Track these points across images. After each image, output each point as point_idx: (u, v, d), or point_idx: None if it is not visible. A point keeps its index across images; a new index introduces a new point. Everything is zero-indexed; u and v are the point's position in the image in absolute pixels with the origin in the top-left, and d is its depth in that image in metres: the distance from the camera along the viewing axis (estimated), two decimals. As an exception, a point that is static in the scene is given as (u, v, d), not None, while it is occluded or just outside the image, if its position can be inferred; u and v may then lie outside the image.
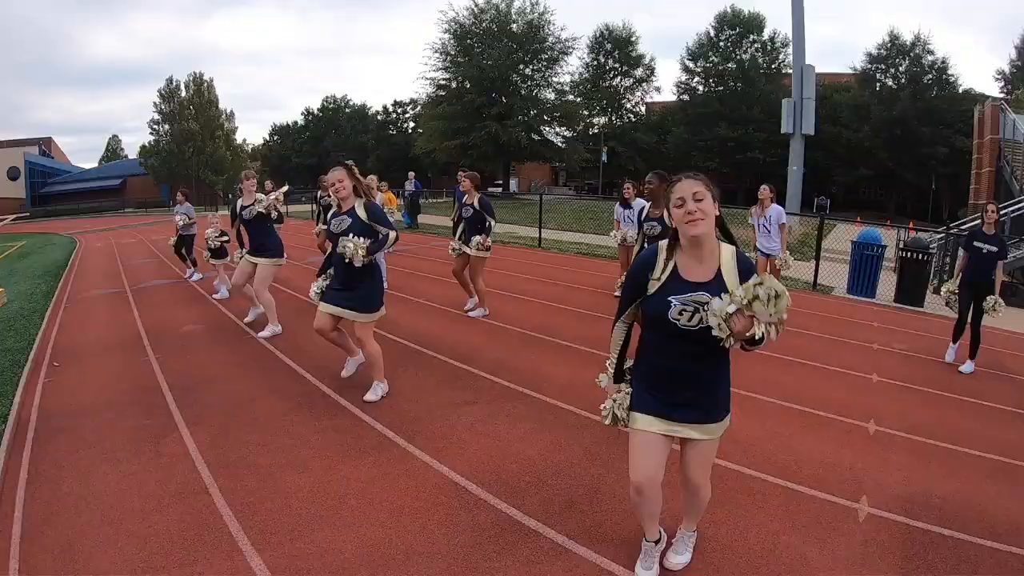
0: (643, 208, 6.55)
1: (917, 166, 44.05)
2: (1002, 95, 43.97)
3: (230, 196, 44.07)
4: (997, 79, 47.01)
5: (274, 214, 6.73)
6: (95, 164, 72.90)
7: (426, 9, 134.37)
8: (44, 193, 57.61)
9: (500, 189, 42.34)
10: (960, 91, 44.71)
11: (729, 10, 50.02)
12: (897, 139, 43.61)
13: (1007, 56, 50.25)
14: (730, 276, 2.38)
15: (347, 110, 71.12)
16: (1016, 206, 16.51)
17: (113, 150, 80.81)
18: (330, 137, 67.59)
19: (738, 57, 50.14)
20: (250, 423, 4.44)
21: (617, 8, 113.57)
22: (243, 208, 6.63)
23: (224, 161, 53.22)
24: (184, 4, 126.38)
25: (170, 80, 53.18)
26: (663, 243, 2.53)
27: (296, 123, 71.75)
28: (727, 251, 2.46)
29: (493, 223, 7.25)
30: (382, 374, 4.89)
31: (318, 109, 71.12)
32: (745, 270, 2.39)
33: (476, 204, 7.17)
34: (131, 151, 73.03)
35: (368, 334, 4.71)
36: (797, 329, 7.41)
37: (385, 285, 8.88)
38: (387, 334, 6.52)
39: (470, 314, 7.67)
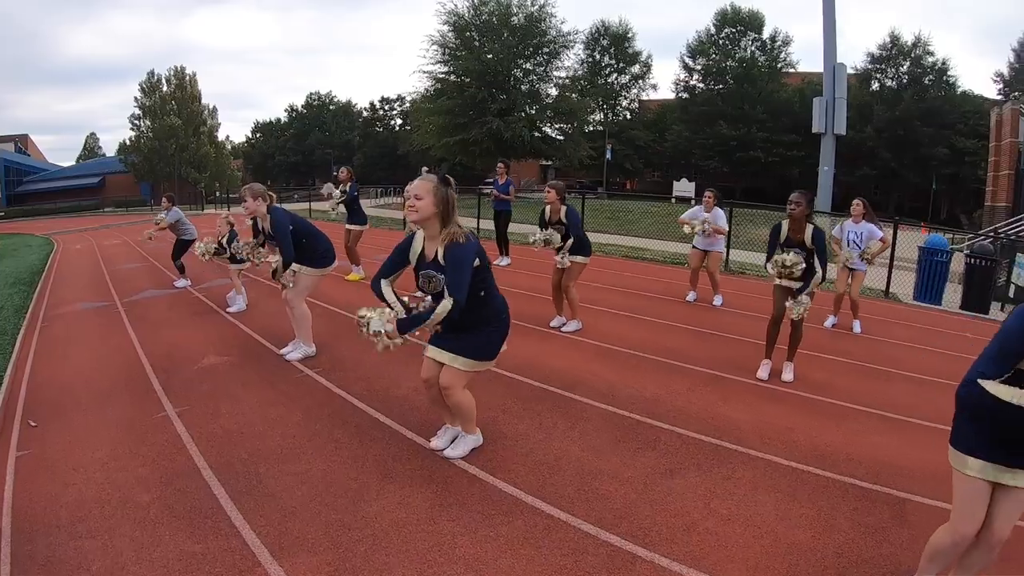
0: (778, 230, 5.17)
1: (918, 166, 43.86)
2: (1000, 96, 43.95)
3: (216, 194, 42.08)
4: (995, 81, 47.01)
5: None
6: (73, 162, 70.42)
7: (408, 6, 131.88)
8: (20, 192, 55.17)
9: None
10: (958, 92, 44.54)
11: (729, 8, 49.39)
12: (899, 139, 43.29)
13: (1005, 58, 50.22)
14: None
15: (332, 107, 69.52)
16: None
17: (91, 148, 78.70)
18: (315, 135, 66.26)
19: (738, 55, 49.48)
20: (374, 540, 2.84)
21: (611, 5, 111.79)
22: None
23: (207, 158, 51.29)
24: (163, 2, 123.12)
25: (151, 74, 51.29)
26: None
27: (280, 120, 69.87)
28: None
29: (572, 241, 6.28)
30: (473, 424, 3.67)
31: (302, 106, 69.46)
32: None
33: (563, 218, 6.27)
34: (109, 149, 71.29)
35: (460, 382, 3.42)
36: (921, 345, 6.96)
37: None
38: (503, 371, 5.04)
39: (563, 330, 6.55)
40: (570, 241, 6.21)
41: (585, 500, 3.14)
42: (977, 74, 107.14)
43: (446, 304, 3.11)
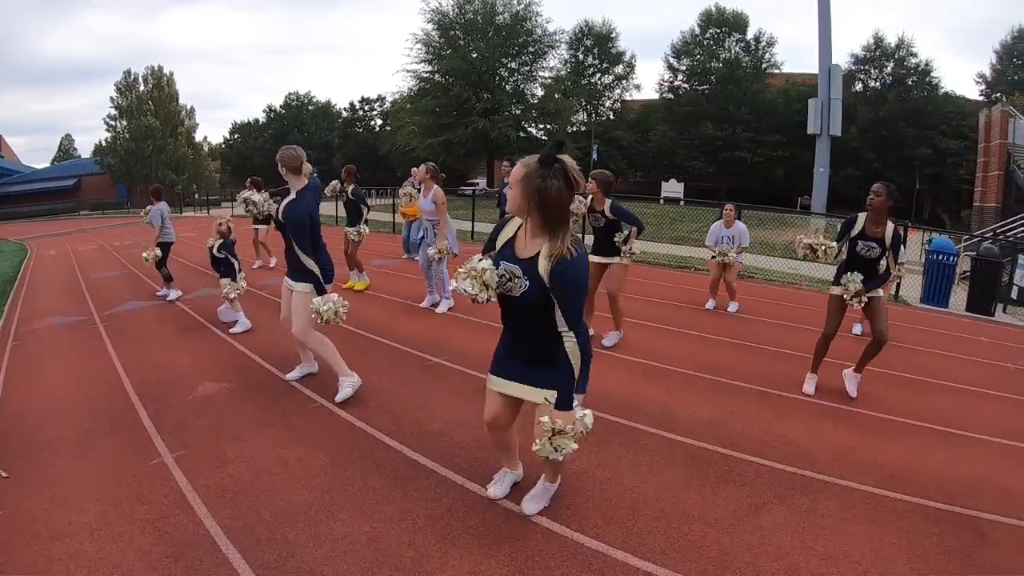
0: (853, 221, 4.75)
1: (901, 167, 44.06)
2: (982, 98, 44.48)
3: (195, 196, 40.86)
4: (978, 82, 47.70)
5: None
6: (48, 164, 67.97)
7: (384, 5, 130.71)
8: (-7, 195, 53.00)
9: (476, 187, 40.46)
10: (941, 93, 44.82)
11: (713, 8, 49.31)
12: (883, 140, 43.51)
13: (984, 59, 51.04)
14: None
15: (311, 108, 68.45)
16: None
17: (66, 150, 76.61)
18: (293, 135, 65.14)
19: (723, 56, 49.44)
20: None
21: (595, 5, 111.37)
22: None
23: (185, 160, 49.92)
24: (135, 1, 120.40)
25: (128, 73, 49.71)
26: None
27: (258, 121, 68.60)
28: None
29: (636, 230, 5.69)
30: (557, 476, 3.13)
31: (281, 106, 68.31)
32: None
33: (607, 211, 5.67)
34: (84, 151, 69.33)
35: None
36: (943, 351, 6.84)
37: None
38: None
39: (604, 344, 6.07)
40: (634, 229, 5.67)
41: (678, 549, 2.81)
42: (958, 75, 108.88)
43: (573, 346, 2.46)
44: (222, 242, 6.59)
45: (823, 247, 4.64)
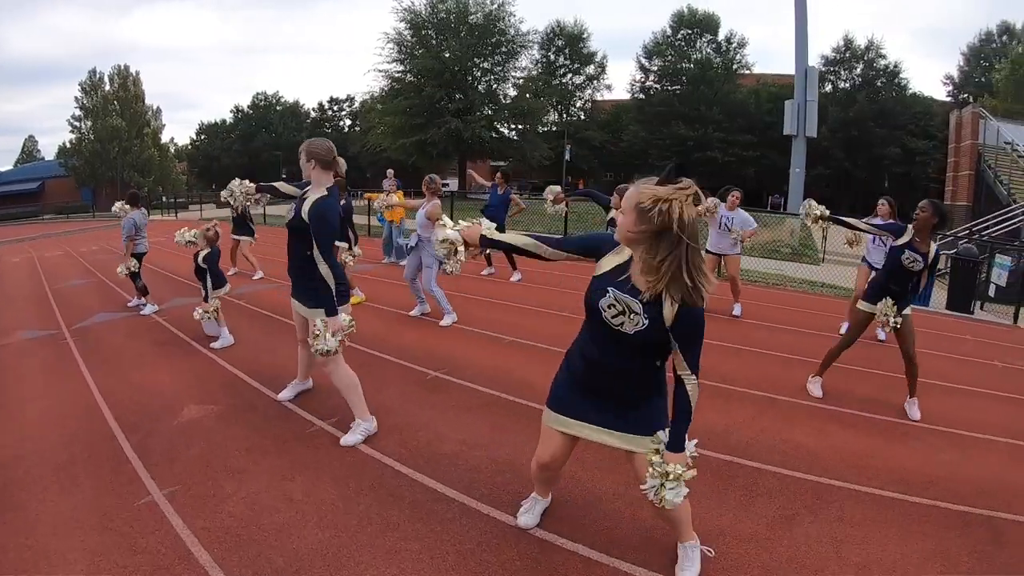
0: (903, 229, 4.65)
1: (871, 166, 44.93)
2: (949, 99, 45.54)
3: (163, 199, 39.71)
4: (945, 83, 48.93)
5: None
6: (10, 167, 65.33)
7: (354, 4, 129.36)
8: (-48, 199, 50.97)
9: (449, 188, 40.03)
10: (909, 94, 45.76)
11: (685, 9, 49.66)
12: (853, 140, 44.27)
13: (948, 60, 52.30)
14: None
15: (279, 108, 67.26)
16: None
17: (29, 151, 73.76)
18: (261, 136, 64.00)
19: (694, 56, 49.81)
20: None
21: (566, 5, 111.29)
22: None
23: (151, 161, 48.69)
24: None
25: (93, 72, 48.40)
26: None
27: (225, 121, 67.20)
28: None
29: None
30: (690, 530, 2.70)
31: (248, 107, 66.97)
32: None
33: None
34: (48, 153, 67.01)
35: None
36: (932, 351, 6.72)
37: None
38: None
39: None
40: None
41: (722, 570, 2.72)
42: (926, 76, 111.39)
43: (694, 388, 2.23)
44: (208, 252, 6.21)
45: (891, 312, 4.65)
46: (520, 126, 42.63)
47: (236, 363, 5.62)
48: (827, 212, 5.00)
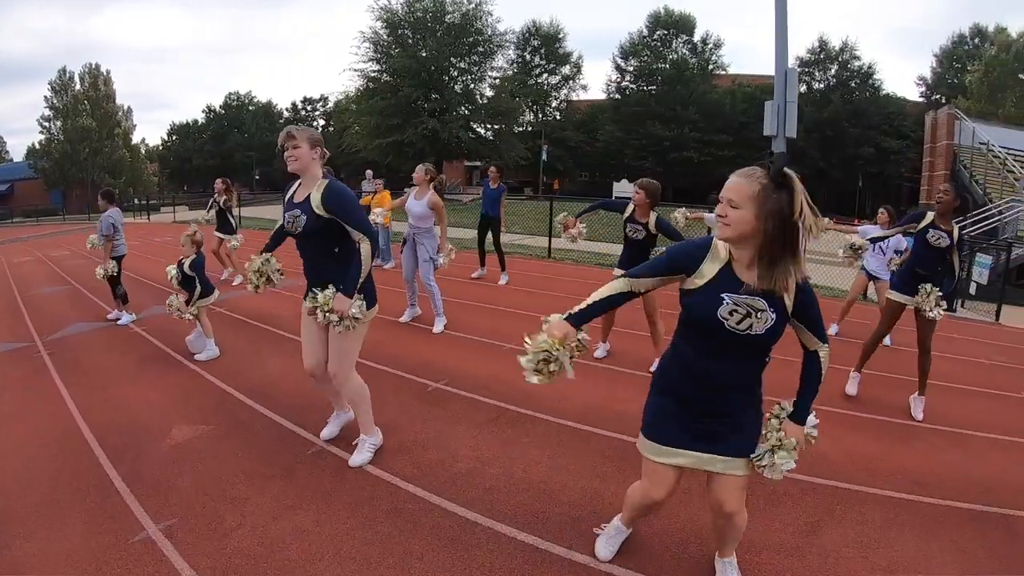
0: (921, 215, 4.79)
1: (845, 165, 45.63)
2: (922, 99, 46.39)
3: (134, 201, 38.72)
4: (918, 84, 49.76)
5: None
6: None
7: (327, 3, 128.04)
8: (-83, 202, 49.18)
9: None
10: (882, 95, 46.55)
11: (662, 10, 49.92)
12: (827, 140, 44.88)
13: (920, 60, 53.26)
14: None
15: (251, 108, 66.37)
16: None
17: (-2, 153, 71.86)
18: (234, 136, 63.17)
19: (671, 57, 50.09)
20: None
21: (542, 5, 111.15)
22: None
23: (123, 163, 47.61)
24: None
25: (63, 71, 47.23)
26: None
27: (197, 122, 66.11)
28: None
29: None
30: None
31: (220, 107, 66.03)
32: None
33: (652, 226, 5.27)
34: (17, 154, 64.70)
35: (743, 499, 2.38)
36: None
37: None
38: (570, 422, 4.17)
39: (652, 369, 5.65)
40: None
41: None
42: (898, 76, 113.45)
43: (827, 357, 2.27)
44: (194, 258, 5.90)
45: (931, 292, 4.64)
46: (497, 126, 42.37)
47: (224, 377, 5.33)
48: (862, 240, 5.02)
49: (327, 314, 3.26)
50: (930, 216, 4.68)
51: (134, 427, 4.30)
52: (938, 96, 45.49)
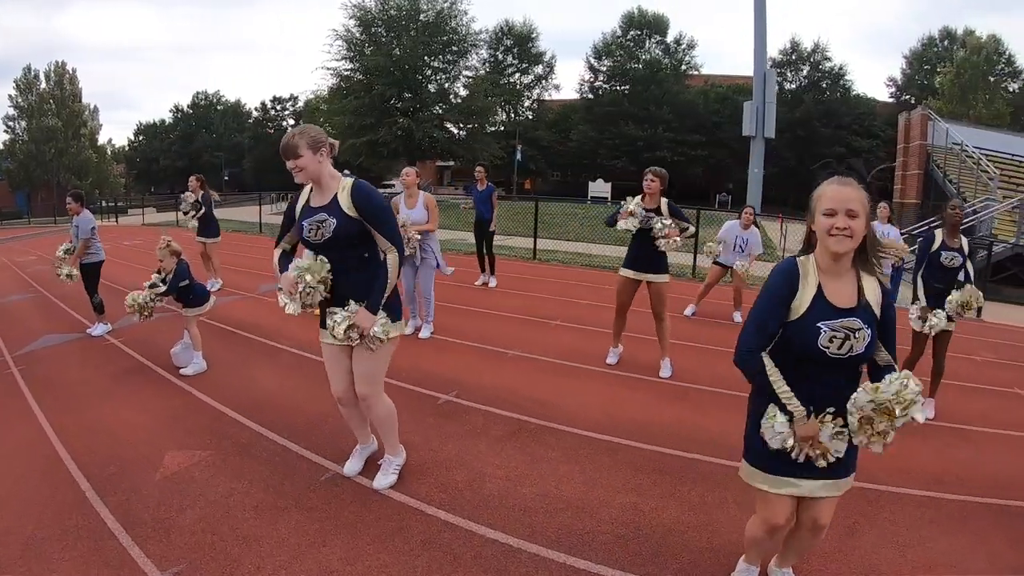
0: (932, 238, 4.93)
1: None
2: (891, 100, 47.26)
3: (102, 203, 37.46)
4: (888, 85, 50.45)
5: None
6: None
7: (296, 3, 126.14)
8: None
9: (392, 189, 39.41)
10: (853, 95, 47.32)
11: (635, 10, 50.07)
12: (799, 139, 45.42)
13: (887, 60, 54.31)
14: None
15: (220, 107, 64.94)
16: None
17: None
18: (202, 136, 61.88)
19: (644, 57, 50.25)
20: None
21: (515, 5, 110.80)
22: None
23: (89, 163, 46.25)
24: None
25: (28, 69, 45.80)
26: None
27: (164, 122, 64.55)
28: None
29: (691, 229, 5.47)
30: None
31: (188, 106, 64.54)
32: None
33: (665, 210, 5.25)
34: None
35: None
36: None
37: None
38: (591, 433, 3.97)
39: (662, 375, 5.55)
40: (691, 229, 5.44)
41: None
42: (868, 76, 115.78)
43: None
44: (178, 266, 5.48)
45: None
46: (470, 125, 42.04)
47: (215, 394, 4.94)
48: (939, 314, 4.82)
49: (347, 331, 2.93)
50: (939, 237, 4.83)
51: (120, 454, 3.90)
52: (908, 97, 46.32)
